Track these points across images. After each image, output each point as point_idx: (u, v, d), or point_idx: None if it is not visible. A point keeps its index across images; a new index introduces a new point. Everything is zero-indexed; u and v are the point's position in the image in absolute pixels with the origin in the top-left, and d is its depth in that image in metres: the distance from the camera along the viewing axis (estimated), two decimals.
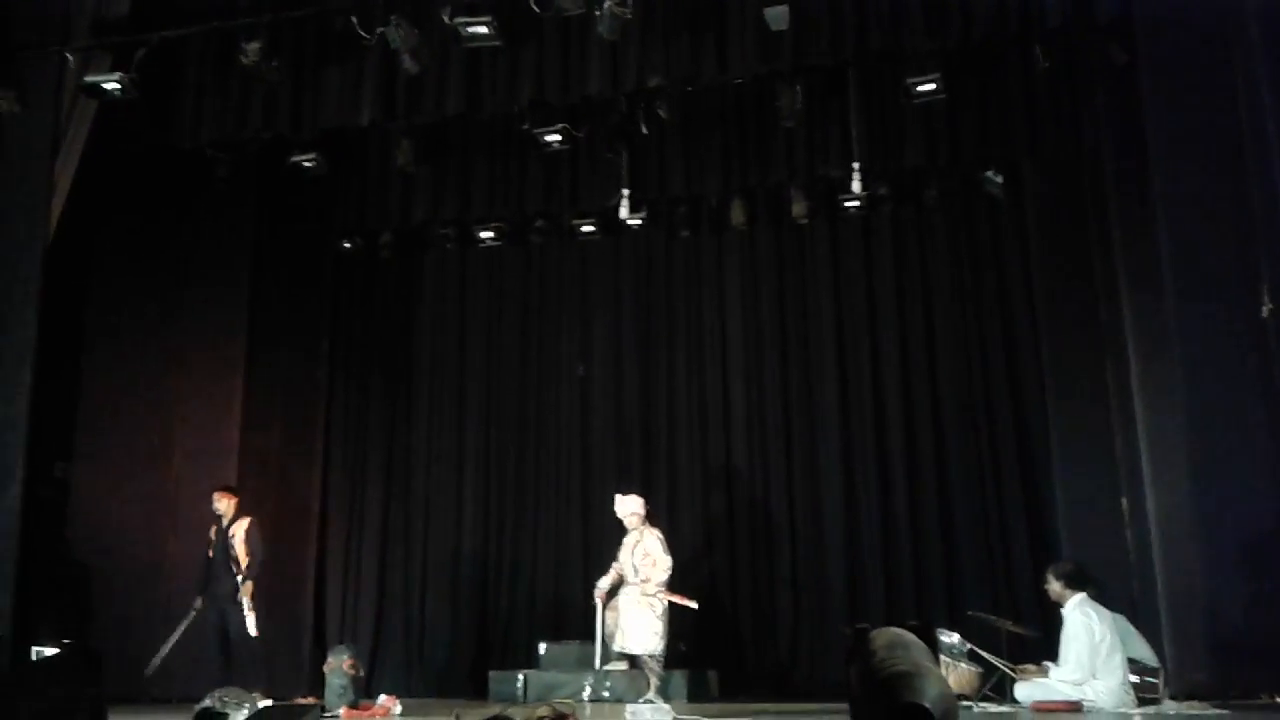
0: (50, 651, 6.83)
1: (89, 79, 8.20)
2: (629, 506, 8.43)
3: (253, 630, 8.27)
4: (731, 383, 10.48)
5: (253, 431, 9.92)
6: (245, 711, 5.36)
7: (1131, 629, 7.36)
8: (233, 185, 9.80)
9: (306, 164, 9.48)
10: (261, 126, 8.70)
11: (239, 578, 8.38)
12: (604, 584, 8.43)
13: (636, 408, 10.66)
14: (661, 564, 8.19)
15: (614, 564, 8.44)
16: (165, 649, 8.18)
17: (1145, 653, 7.21)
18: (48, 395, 8.29)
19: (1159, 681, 6.95)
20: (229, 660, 8.28)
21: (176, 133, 8.79)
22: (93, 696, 4.25)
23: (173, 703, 8.05)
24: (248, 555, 8.43)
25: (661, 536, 8.36)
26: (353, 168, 10.35)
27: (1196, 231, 6.93)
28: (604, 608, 8.41)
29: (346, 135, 9.53)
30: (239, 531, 8.51)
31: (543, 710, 3.34)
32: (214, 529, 8.57)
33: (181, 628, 8.33)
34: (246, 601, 8.29)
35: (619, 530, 8.55)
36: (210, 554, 8.54)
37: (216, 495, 8.66)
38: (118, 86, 8.12)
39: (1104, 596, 7.30)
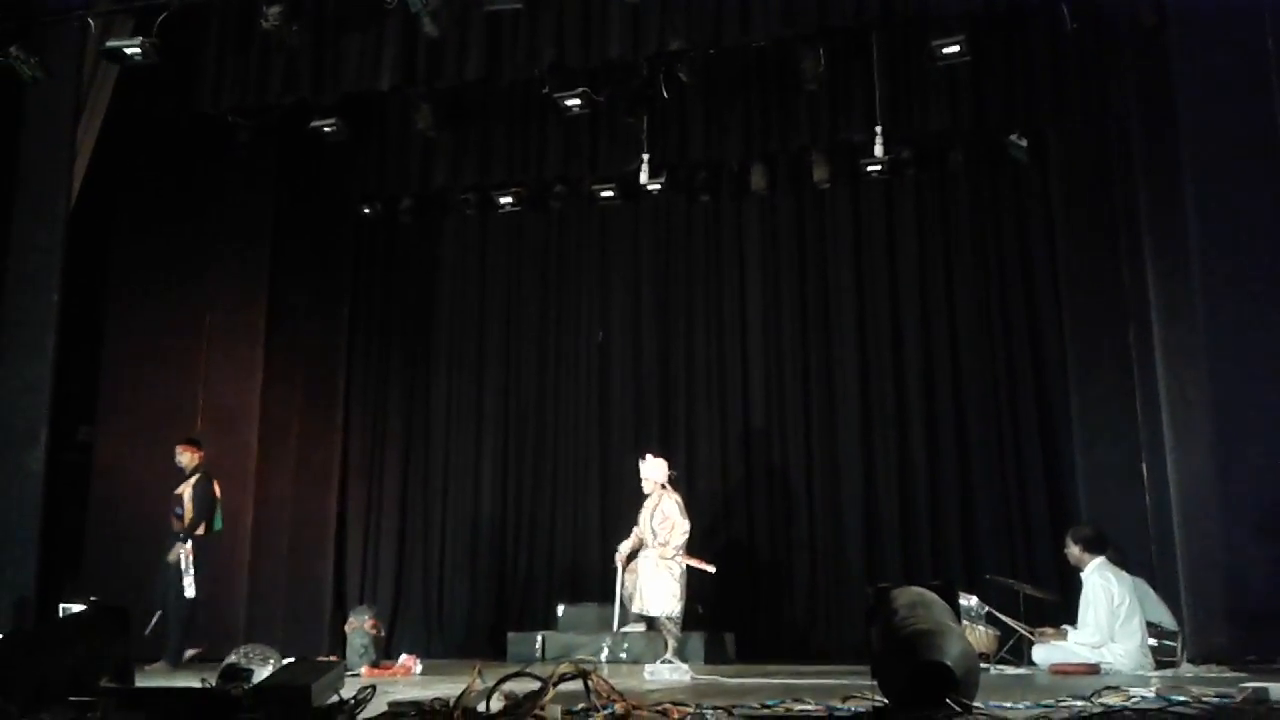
0: (78, 608, 6.89)
1: (110, 44, 8.16)
2: (648, 470, 8.47)
3: (190, 591, 7.99)
4: (750, 348, 10.47)
5: (273, 395, 9.99)
6: (270, 668, 5.42)
7: (1150, 592, 7.38)
8: (254, 151, 9.81)
9: (327, 129, 9.45)
10: (282, 91, 8.68)
11: (178, 535, 8.13)
12: (624, 548, 8.50)
13: (655, 373, 10.67)
14: (679, 528, 8.24)
15: (635, 528, 8.50)
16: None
17: (1164, 616, 7.23)
18: (71, 359, 8.34)
19: (1177, 645, 6.98)
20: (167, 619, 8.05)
21: (197, 98, 8.79)
22: (119, 653, 4.29)
23: (198, 661, 8.13)
24: (190, 514, 8.13)
25: (679, 500, 8.40)
26: (373, 133, 10.32)
27: (1224, 196, 6.84)
28: (623, 571, 8.48)
29: (367, 100, 9.51)
30: (186, 489, 8.24)
31: (565, 667, 3.37)
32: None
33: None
34: (182, 562, 8.01)
35: (636, 494, 8.59)
36: None
37: (178, 448, 8.38)
38: (139, 51, 8.06)
39: (1123, 560, 7.32)
